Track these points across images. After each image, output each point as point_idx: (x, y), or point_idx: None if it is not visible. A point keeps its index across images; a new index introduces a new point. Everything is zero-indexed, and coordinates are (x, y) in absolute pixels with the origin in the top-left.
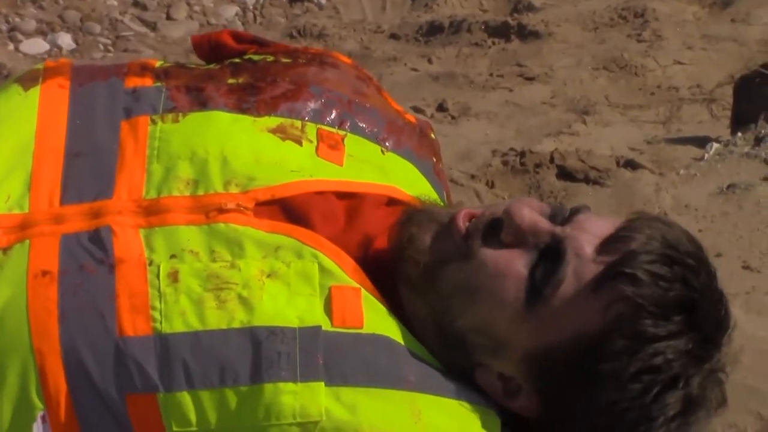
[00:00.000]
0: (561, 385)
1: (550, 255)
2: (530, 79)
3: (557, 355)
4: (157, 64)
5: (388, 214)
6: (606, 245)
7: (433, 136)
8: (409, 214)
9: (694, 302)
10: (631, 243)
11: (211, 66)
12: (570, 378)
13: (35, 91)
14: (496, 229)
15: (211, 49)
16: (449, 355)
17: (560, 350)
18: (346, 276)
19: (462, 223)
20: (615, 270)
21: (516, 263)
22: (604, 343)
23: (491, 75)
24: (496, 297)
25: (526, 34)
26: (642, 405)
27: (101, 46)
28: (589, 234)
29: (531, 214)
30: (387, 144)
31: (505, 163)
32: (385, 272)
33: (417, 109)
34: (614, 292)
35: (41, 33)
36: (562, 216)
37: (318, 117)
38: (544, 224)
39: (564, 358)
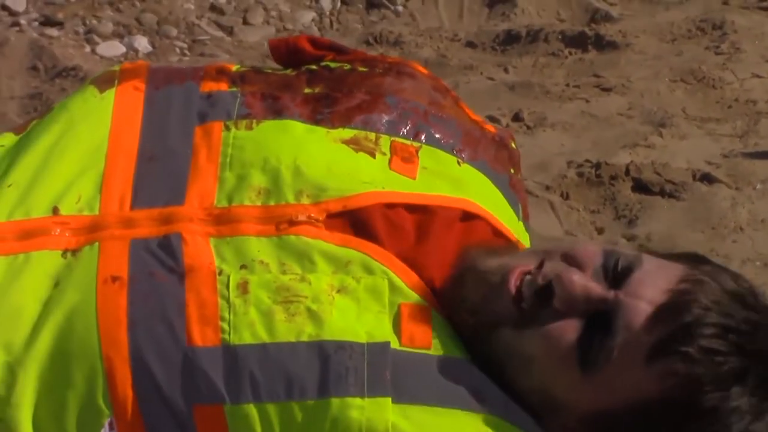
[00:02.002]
0: None
1: (602, 323)
2: (607, 90)
3: (614, 419)
4: (234, 68)
5: (461, 232)
6: (660, 315)
7: (513, 145)
8: (462, 271)
9: (748, 369)
10: (685, 315)
11: (288, 72)
12: None
13: (111, 93)
14: (548, 295)
15: (288, 53)
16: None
17: (617, 415)
18: (415, 294)
19: (513, 286)
20: (668, 347)
21: (567, 335)
22: (663, 410)
23: (568, 85)
24: (551, 366)
25: (603, 44)
26: None
27: (178, 50)
28: (642, 301)
29: (581, 280)
30: (463, 155)
31: (580, 174)
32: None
33: (493, 119)
34: (667, 369)
35: (118, 36)
36: (616, 269)
37: (393, 129)
38: (596, 291)
39: (621, 423)
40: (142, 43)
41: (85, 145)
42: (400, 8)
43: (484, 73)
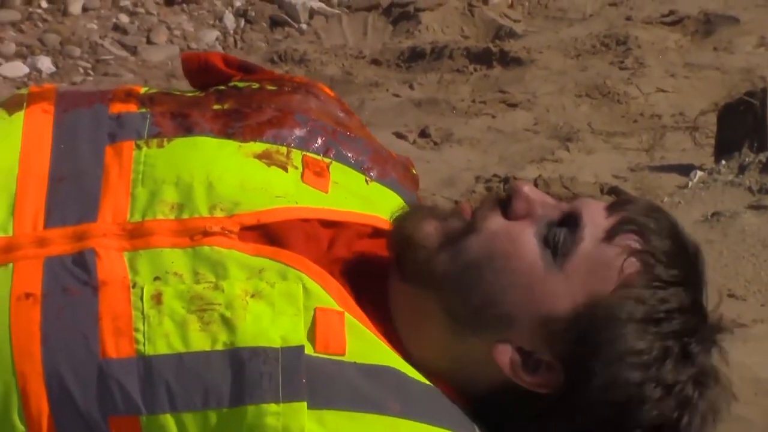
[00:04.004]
0: (586, 345)
1: (565, 223)
2: (513, 105)
3: (581, 314)
4: (142, 90)
5: (372, 245)
6: (614, 208)
7: (414, 171)
8: (408, 209)
9: (693, 263)
10: (635, 204)
11: (196, 93)
12: (597, 334)
13: (19, 116)
14: (503, 206)
15: (199, 68)
16: (461, 349)
17: (579, 309)
18: (331, 299)
19: (468, 207)
20: (626, 220)
21: (528, 230)
22: (622, 292)
23: (473, 101)
24: (511, 263)
25: (508, 60)
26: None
27: (81, 70)
28: (596, 202)
29: (536, 190)
30: (372, 174)
31: (488, 189)
32: (371, 294)
33: (400, 135)
34: (626, 242)
35: (21, 56)
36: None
37: (303, 144)
38: (552, 200)
39: (585, 317)
40: (45, 63)
41: None
42: (304, 26)
43: (390, 89)
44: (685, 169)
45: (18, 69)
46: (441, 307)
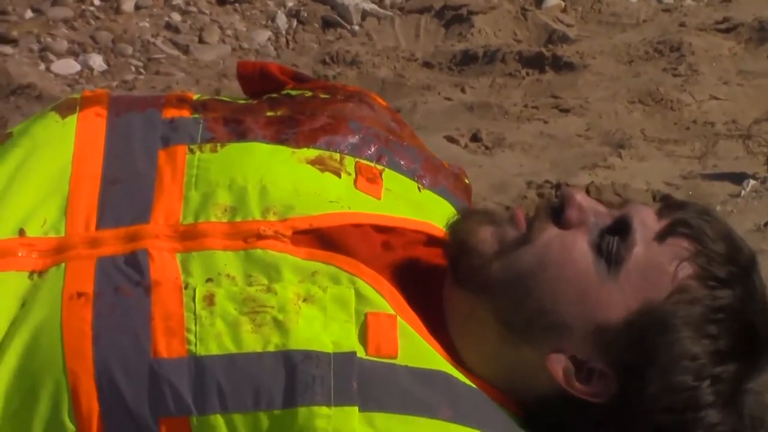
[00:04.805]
0: (639, 351)
1: (617, 229)
2: (565, 111)
3: (635, 321)
4: (195, 97)
5: (425, 252)
6: (664, 210)
7: (467, 181)
8: (464, 213)
9: (749, 265)
10: (686, 207)
11: (249, 101)
12: (650, 341)
13: (72, 119)
14: (556, 214)
15: (255, 74)
16: (514, 357)
17: (633, 316)
18: (384, 302)
19: (522, 216)
20: (678, 222)
21: (581, 240)
22: (676, 297)
23: (526, 106)
24: (565, 272)
25: (560, 65)
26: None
27: (133, 68)
28: (646, 207)
29: (588, 197)
30: (424, 181)
31: (540, 195)
32: (424, 299)
33: (451, 139)
34: (679, 245)
35: (73, 54)
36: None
37: (357, 151)
38: (603, 207)
39: (638, 325)
40: (96, 61)
41: (49, 170)
42: (356, 27)
43: (442, 93)
44: (738, 178)
45: (70, 66)
46: (494, 314)
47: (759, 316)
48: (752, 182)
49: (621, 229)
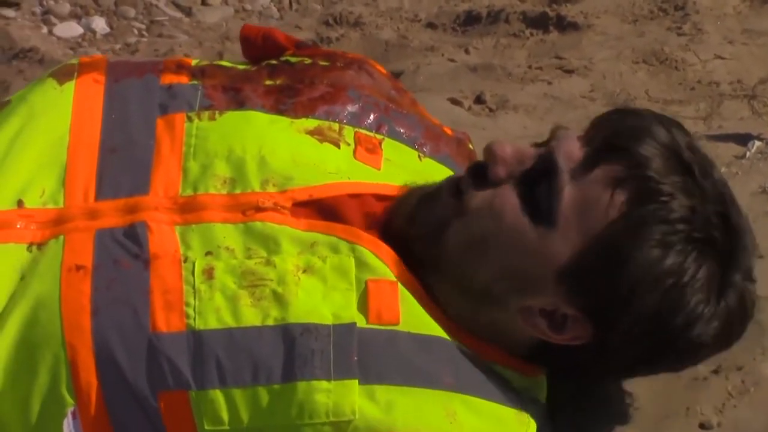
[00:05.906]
0: (600, 287)
1: (544, 170)
2: (569, 71)
3: (585, 260)
4: (193, 62)
5: None
6: (587, 136)
7: (471, 146)
8: (398, 199)
9: (690, 166)
10: (608, 123)
11: (248, 67)
12: (607, 274)
13: (70, 86)
14: (483, 173)
15: (257, 39)
16: (492, 319)
17: (582, 255)
18: (385, 267)
19: (447, 186)
20: (603, 147)
21: (509, 197)
22: (625, 224)
23: (530, 67)
24: (504, 235)
25: (564, 25)
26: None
27: (135, 31)
28: (571, 137)
29: (512, 144)
30: (425, 149)
31: None
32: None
33: (455, 101)
34: (608, 173)
35: (75, 16)
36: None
37: (356, 120)
38: (528, 149)
39: (593, 258)
40: (99, 24)
41: (47, 138)
42: None
43: (445, 54)
44: (743, 139)
45: (72, 29)
46: (455, 288)
47: (715, 216)
48: (757, 143)
49: (547, 169)
